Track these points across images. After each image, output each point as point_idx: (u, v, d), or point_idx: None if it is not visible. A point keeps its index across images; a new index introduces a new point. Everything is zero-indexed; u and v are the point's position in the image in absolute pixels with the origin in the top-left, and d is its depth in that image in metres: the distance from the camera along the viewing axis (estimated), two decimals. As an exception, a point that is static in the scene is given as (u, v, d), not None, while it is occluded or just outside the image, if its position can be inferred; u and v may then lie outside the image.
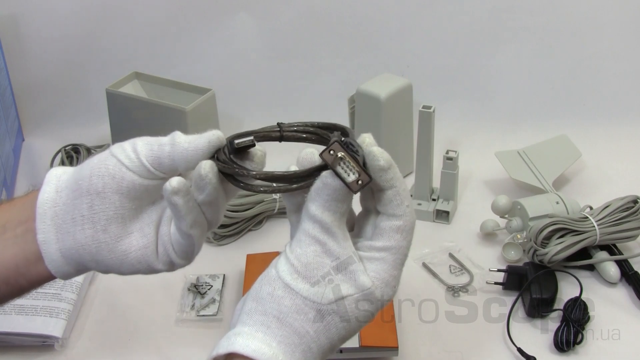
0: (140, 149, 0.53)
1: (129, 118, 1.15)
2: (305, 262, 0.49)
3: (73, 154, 1.17)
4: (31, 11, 1.28)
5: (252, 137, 0.53)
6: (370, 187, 0.51)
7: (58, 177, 0.55)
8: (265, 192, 0.52)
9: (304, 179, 0.51)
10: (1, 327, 0.84)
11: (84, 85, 1.32)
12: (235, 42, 1.33)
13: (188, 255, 0.55)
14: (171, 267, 0.56)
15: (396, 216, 0.50)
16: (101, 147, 1.19)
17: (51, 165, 1.17)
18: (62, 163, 1.16)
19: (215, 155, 0.53)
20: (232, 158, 0.53)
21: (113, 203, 0.53)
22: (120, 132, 1.18)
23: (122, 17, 1.30)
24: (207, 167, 0.51)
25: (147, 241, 0.54)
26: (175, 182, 0.51)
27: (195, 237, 0.54)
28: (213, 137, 0.53)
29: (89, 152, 1.17)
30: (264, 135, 0.56)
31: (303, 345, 0.48)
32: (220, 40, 1.33)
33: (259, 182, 0.51)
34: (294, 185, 0.51)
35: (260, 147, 0.54)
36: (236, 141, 0.52)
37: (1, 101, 1.15)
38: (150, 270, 0.56)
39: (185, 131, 1.17)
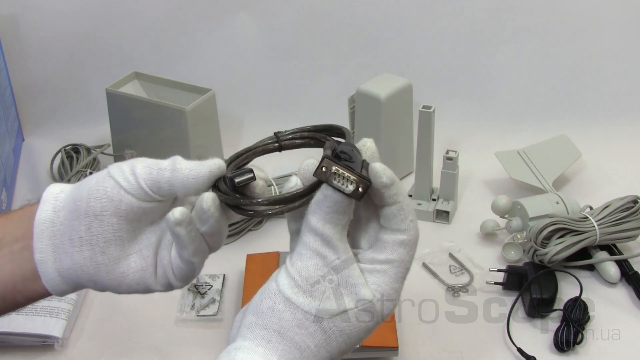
0: (139, 172, 0.53)
1: (129, 118, 1.15)
2: (306, 275, 0.49)
3: (73, 154, 1.17)
4: (31, 11, 1.28)
5: (252, 174, 0.52)
6: (368, 196, 0.50)
7: (55, 196, 0.54)
8: (270, 215, 0.51)
9: (306, 195, 0.50)
10: (1, 327, 0.84)
11: (84, 85, 1.32)
12: (235, 42, 1.33)
13: (187, 279, 0.55)
14: (169, 288, 0.56)
15: (400, 231, 0.50)
16: (101, 147, 1.19)
17: (51, 165, 1.18)
18: (62, 163, 1.16)
19: (215, 183, 0.53)
20: (234, 188, 0.52)
21: (111, 225, 0.52)
22: (120, 132, 1.18)
23: (122, 17, 1.30)
24: (210, 202, 0.51)
25: (146, 264, 0.54)
26: (178, 213, 0.51)
27: (196, 263, 0.54)
28: (214, 166, 0.52)
29: (89, 152, 1.17)
30: (263, 149, 0.56)
31: (304, 359, 0.48)
32: (220, 40, 1.33)
33: (263, 207, 0.51)
34: (297, 203, 0.50)
35: (261, 173, 0.53)
36: (237, 180, 0.51)
37: (1, 101, 1.15)
38: (148, 290, 0.55)
39: (185, 131, 1.17)
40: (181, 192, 0.53)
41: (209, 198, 0.51)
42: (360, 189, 0.48)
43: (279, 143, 0.56)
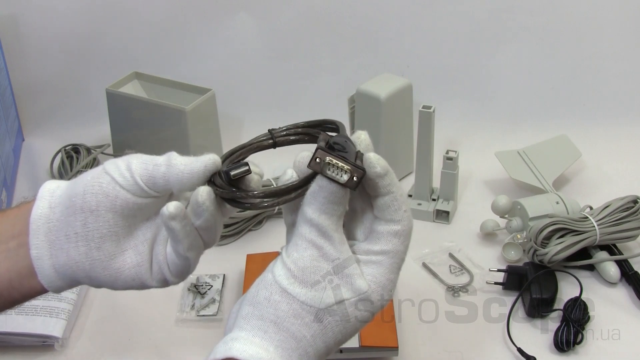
0: (135, 168, 0.53)
1: (129, 118, 1.15)
2: (302, 266, 0.49)
3: (73, 154, 1.17)
4: (31, 11, 1.28)
5: (247, 167, 0.52)
6: (362, 187, 0.51)
7: (51, 192, 0.55)
8: (266, 207, 0.51)
9: (301, 187, 0.50)
10: (1, 327, 0.84)
11: (84, 85, 1.32)
12: (235, 42, 1.33)
13: (183, 275, 0.56)
14: (164, 284, 0.56)
15: (394, 221, 0.50)
16: (101, 147, 1.19)
17: (51, 165, 1.18)
18: (62, 163, 1.16)
19: (211, 178, 0.53)
20: (230, 182, 0.52)
21: (107, 221, 0.52)
22: (120, 132, 1.18)
23: (122, 17, 1.30)
24: (205, 195, 0.51)
25: (141, 259, 0.54)
26: (172, 207, 0.51)
27: (191, 259, 0.54)
28: (209, 161, 0.53)
29: (89, 152, 1.17)
30: (258, 146, 0.56)
31: (300, 349, 0.48)
32: (220, 40, 1.33)
33: (259, 200, 0.51)
34: (292, 195, 0.50)
35: (256, 168, 0.54)
36: (232, 173, 0.52)
37: (1, 101, 1.15)
38: (143, 286, 0.55)
39: (185, 131, 1.17)
40: (177, 188, 0.53)
41: (204, 191, 0.51)
42: (354, 178, 0.48)
43: (273, 140, 0.57)
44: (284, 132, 0.57)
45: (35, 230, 0.53)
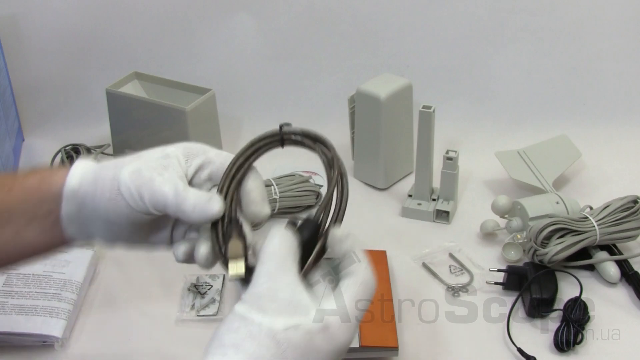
0: (148, 200, 0.57)
1: (129, 118, 1.15)
2: (258, 294, 0.52)
3: (73, 154, 1.17)
4: (31, 11, 1.28)
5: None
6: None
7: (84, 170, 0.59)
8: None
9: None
10: (1, 327, 0.84)
11: (84, 85, 1.32)
12: (235, 42, 1.33)
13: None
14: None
15: (352, 273, 0.55)
16: (101, 147, 1.19)
17: (51, 165, 1.17)
18: (62, 163, 1.16)
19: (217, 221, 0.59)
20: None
21: (126, 228, 0.59)
22: (120, 132, 1.18)
23: (122, 17, 1.30)
24: (202, 260, 0.58)
25: (165, 236, 0.62)
26: (203, 259, 0.59)
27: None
28: (215, 211, 0.57)
29: (89, 152, 1.17)
30: (266, 144, 0.61)
31: None
32: (220, 40, 1.33)
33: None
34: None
35: (248, 235, 0.63)
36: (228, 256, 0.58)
37: (1, 101, 1.15)
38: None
39: (185, 131, 1.17)
40: (186, 223, 0.60)
41: (202, 257, 0.58)
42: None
43: (282, 141, 0.61)
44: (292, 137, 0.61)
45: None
